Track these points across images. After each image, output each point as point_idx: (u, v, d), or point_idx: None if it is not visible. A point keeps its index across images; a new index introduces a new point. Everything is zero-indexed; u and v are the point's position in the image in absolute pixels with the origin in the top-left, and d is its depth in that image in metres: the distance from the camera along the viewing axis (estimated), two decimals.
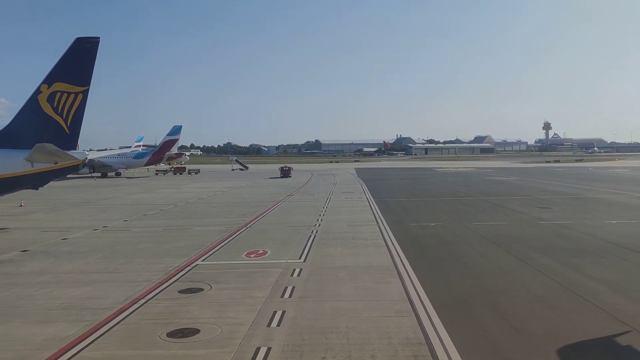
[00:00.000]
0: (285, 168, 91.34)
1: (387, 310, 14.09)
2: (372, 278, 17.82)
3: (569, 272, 18.70)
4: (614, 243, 24.08)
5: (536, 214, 34.62)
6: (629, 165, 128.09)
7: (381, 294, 15.84)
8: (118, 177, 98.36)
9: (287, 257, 21.26)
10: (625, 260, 20.61)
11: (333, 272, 18.66)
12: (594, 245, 23.63)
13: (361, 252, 22.38)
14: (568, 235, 26.41)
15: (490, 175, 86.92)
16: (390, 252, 22.26)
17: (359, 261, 20.54)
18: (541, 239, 25.29)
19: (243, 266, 20.09)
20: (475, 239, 25.75)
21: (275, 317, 13.52)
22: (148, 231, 29.16)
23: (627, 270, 18.99)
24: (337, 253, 22.28)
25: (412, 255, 21.87)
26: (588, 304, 14.66)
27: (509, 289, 16.66)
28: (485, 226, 29.65)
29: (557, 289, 16.44)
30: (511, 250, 22.86)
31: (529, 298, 15.51)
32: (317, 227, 29.92)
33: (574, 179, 74.54)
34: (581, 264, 20.00)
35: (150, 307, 14.55)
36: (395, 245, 23.83)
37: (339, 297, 15.53)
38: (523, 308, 14.49)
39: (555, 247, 23.26)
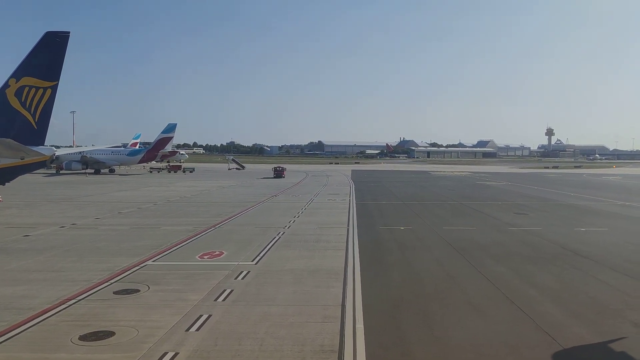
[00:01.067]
0: (279, 168, 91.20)
1: (315, 316, 13.89)
2: (316, 282, 17.62)
3: (515, 280, 18.59)
4: (573, 250, 24.04)
5: (509, 220, 34.38)
6: (623, 172, 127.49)
7: (317, 298, 15.64)
8: (112, 174, 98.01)
9: (240, 259, 21.11)
10: (575, 268, 20.56)
11: (279, 276, 18.46)
12: (552, 253, 23.54)
13: (317, 255, 22.16)
14: (531, 242, 26.21)
15: (482, 180, 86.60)
16: (347, 256, 22.06)
17: (310, 264, 20.38)
18: (503, 246, 25.17)
19: (192, 267, 19.94)
20: (438, 244, 25.65)
21: (199, 321, 13.35)
22: (114, 229, 28.98)
23: (573, 278, 18.96)
24: (293, 256, 22.07)
25: (366, 259, 21.77)
26: (519, 312, 14.53)
27: (447, 296, 16.52)
28: (453, 231, 29.45)
29: (495, 297, 16.33)
30: (468, 256, 22.71)
31: (463, 305, 15.38)
32: (286, 228, 29.72)
33: (563, 185, 74.29)
34: (531, 271, 19.91)
35: (77, 309, 14.40)
36: (354, 249, 23.66)
37: (273, 301, 15.34)
38: (452, 316, 14.37)
39: (513, 254, 23.18)
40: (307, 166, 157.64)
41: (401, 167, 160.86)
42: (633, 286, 17.66)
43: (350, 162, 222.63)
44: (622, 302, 15.68)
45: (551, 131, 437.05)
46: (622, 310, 14.74)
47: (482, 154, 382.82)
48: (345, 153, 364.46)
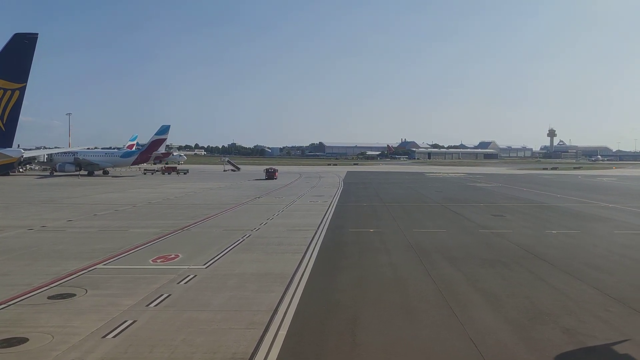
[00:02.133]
0: (271, 170, 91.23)
1: (241, 322, 13.69)
2: (259, 287, 17.42)
3: (462, 284, 18.36)
4: (535, 254, 23.83)
5: (483, 222, 34.15)
6: (620, 174, 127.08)
7: (252, 304, 15.44)
8: (106, 175, 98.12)
9: (192, 263, 20.89)
10: (529, 272, 20.33)
11: (224, 280, 18.26)
12: (513, 256, 23.27)
13: (273, 259, 21.97)
14: (496, 244, 26.04)
15: (474, 182, 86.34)
16: (303, 259, 21.86)
17: (261, 268, 20.18)
18: (466, 248, 25.11)
19: (140, 271, 19.76)
20: (400, 247, 25.48)
21: (119, 328, 13.17)
22: (81, 232, 28.86)
23: (522, 283, 18.68)
24: (248, 259, 21.89)
25: (321, 263, 21.60)
26: (452, 318, 14.40)
27: (386, 300, 16.26)
28: (421, 233, 29.33)
29: (434, 301, 16.10)
30: (425, 259, 22.53)
31: (397, 310, 15.12)
32: (255, 231, 29.52)
33: (554, 187, 74.03)
34: (483, 275, 19.69)
35: (3, 314, 14.27)
36: (314, 252, 23.51)
37: (205, 307, 15.11)
38: (382, 321, 14.12)
39: (472, 257, 23.03)
40: (305, 167, 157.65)
41: (399, 169, 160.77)
42: (579, 290, 17.41)
43: (349, 163, 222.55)
44: (562, 307, 15.47)
45: (553, 132, 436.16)
46: (558, 315, 14.48)
47: (484, 155, 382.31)
48: (346, 154, 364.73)
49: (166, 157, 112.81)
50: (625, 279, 18.95)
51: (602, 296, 16.68)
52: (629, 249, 24.63)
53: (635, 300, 16.16)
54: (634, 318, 14.49)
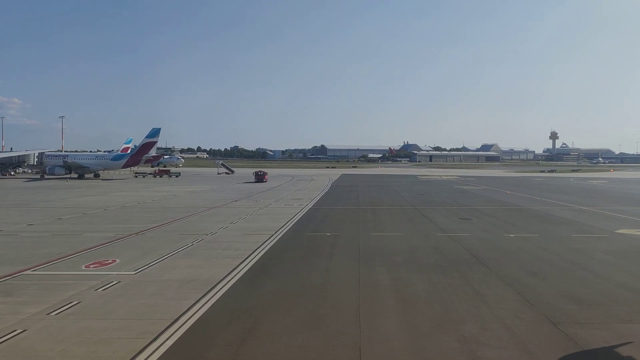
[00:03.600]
0: (260, 173, 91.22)
1: (133, 332, 13.42)
2: (175, 294, 17.16)
3: (386, 290, 18.12)
4: (479, 258, 23.62)
5: (446, 226, 33.81)
6: (614, 177, 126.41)
7: (157, 312, 15.16)
8: (96, 178, 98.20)
9: (125, 269, 20.72)
10: (462, 277, 20.05)
11: (145, 287, 18.01)
12: (455, 260, 23.02)
13: (209, 265, 21.70)
14: (446, 248, 25.86)
15: (461, 184, 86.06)
16: (239, 265, 21.73)
17: (191, 274, 19.94)
18: (412, 252, 24.94)
19: (65, 277, 19.58)
20: (346, 252, 25.23)
21: (3, 338, 12.87)
22: (34, 237, 28.74)
23: (448, 288, 18.37)
24: (184, 265, 21.64)
25: (256, 268, 21.40)
26: (352, 326, 14.19)
27: (298, 307, 15.94)
28: (377, 237, 29.46)
29: (345, 309, 15.74)
30: (365, 264, 22.26)
31: (301, 319, 14.81)
32: (210, 235, 29.30)
33: (540, 189, 73.74)
34: (413, 280, 19.48)
35: None
36: (256, 257, 23.33)
37: (108, 315, 14.86)
38: (278, 331, 13.83)
39: (413, 262, 22.81)
40: (301, 170, 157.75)
41: (396, 171, 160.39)
42: (501, 297, 17.11)
43: (348, 166, 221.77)
44: (473, 314, 15.21)
45: (555, 135, 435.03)
46: (464, 322, 14.20)
47: (485, 158, 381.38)
48: (348, 157, 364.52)
49: (157, 160, 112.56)
50: (556, 284, 18.66)
51: (521, 303, 16.37)
52: (576, 254, 24.21)
53: (552, 306, 15.91)
54: (539, 326, 14.18)
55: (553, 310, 15.31)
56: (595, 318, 14.64)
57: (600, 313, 15.07)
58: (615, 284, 18.76)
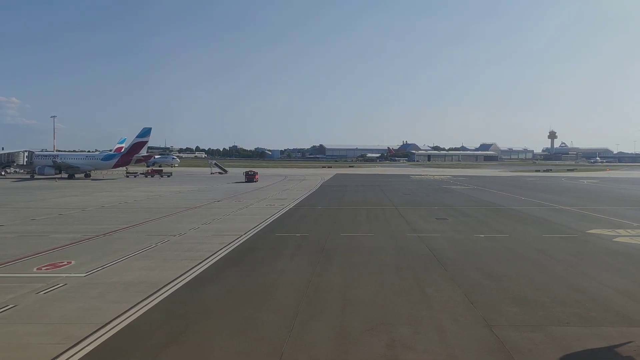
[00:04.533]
0: (250, 173, 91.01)
1: (57, 337, 13.28)
2: (117, 297, 16.97)
3: (334, 291, 17.89)
4: (440, 259, 23.49)
5: (419, 226, 33.67)
6: (607, 176, 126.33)
7: (91, 316, 14.93)
8: (87, 178, 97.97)
9: (77, 271, 20.47)
10: (414, 278, 19.86)
11: (89, 290, 17.85)
12: (415, 261, 22.86)
13: (163, 266, 21.58)
14: (410, 249, 25.86)
15: (450, 184, 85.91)
16: (194, 267, 21.39)
17: (142, 277, 19.79)
18: (375, 253, 24.78)
19: (11, 280, 19.44)
20: (309, 253, 25.06)
21: None
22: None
23: (396, 290, 18.12)
24: (139, 267, 21.46)
25: (210, 271, 21.09)
26: (284, 330, 14.03)
27: (235, 313, 15.70)
28: (345, 238, 29.39)
29: (283, 312, 15.56)
30: (323, 265, 22.14)
31: (233, 325, 14.58)
32: (176, 236, 29.08)
33: (527, 189, 73.75)
34: (365, 281, 19.26)
35: None
36: (214, 260, 23.01)
37: (39, 319, 14.66)
38: (204, 338, 13.59)
39: (372, 262, 22.61)
40: (298, 170, 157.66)
41: (392, 171, 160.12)
42: (447, 298, 16.92)
43: (345, 166, 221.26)
44: (411, 316, 15.03)
45: (554, 134, 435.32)
46: (398, 325, 14.17)
47: (484, 158, 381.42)
48: (347, 157, 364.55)
49: (147, 159, 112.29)
50: (507, 286, 18.53)
51: (465, 305, 16.16)
52: (539, 254, 24.04)
53: (494, 308, 15.73)
54: (472, 329, 13.98)
55: (494, 312, 15.07)
56: (533, 320, 14.38)
57: (541, 315, 14.83)
58: (567, 285, 18.60)
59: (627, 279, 19.28)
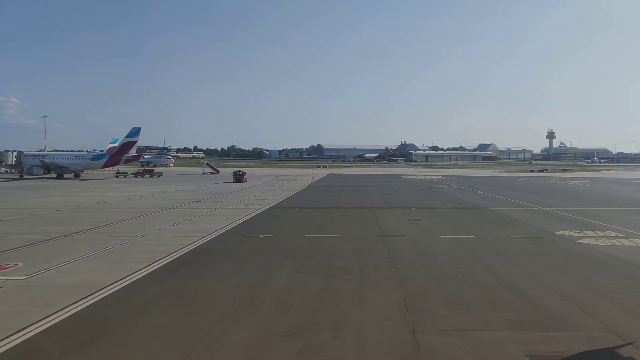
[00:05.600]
0: (239, 173, 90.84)
1: None
2: (49, 301, 16.55)
3: (272, 294, 17.67)
4: (395, 260, 23.18)
5: (389, 227, 33.42)
6: (599, 177, 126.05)
7: (9, 321, 14.45)
8: (77, 178, 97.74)
9: (18, 274, 20.10)
10: (360, 280, 19.59)
11: (24, 293, 17.55)
12: (369, 263, 22.59)
13: (109, 269, 21.21)
14: (369, 250, 25.69)
15: (438, 185, 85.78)
16: (140, 270, 20.95)
17: (83, 279, 19.43)
18: (332, 255, 24.52)
19: None
20: (265, 255, 24.82)
21: None
22: None
23: (335, 293, 17.83)
24: (86, 268, 21.22)
25: (154, 274, 20.67)
26: (197, 335, 13.66)
27: (157, 316, 15.43)
28: (308, 239, 29.16)
29: (208, 316, 15.22)
30: (272, 267, 21.85)
31: (149, 329, 14.23)
32: (139, 237, 28.95)
33: (514, 190, 73.63)
34: (309, 283, 19.00)
35: None
36: (164, 262, 22.60)
37: None
38: (117, 344, 13.32)
39: (325, 265, 22.28)
40: (292, 170, 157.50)
41: (386, 171, 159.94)
42: (384, 301, 16.57)
43: (341, 166, 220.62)
44: (338, 320, 14.73)
45: (552, 134, 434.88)
46: (320, 330, 13.88)
47: (482, 158, 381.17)
48: (345, 157, 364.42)
49: (137, 159, 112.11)
50: (450, 289, 18.19)
51: (399, 308, 15.81)
52: (497, 256, 23.77)
53: (427, 312, 15.39)
54: (395, 333, 13.66)
55: (425, 316, 14.78)
56: (461, 325, 14.02)
57: (470, 320, 14.48)
58: (511, 288, 18.32)
59: (575, 282, 18.96)
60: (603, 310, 15.47)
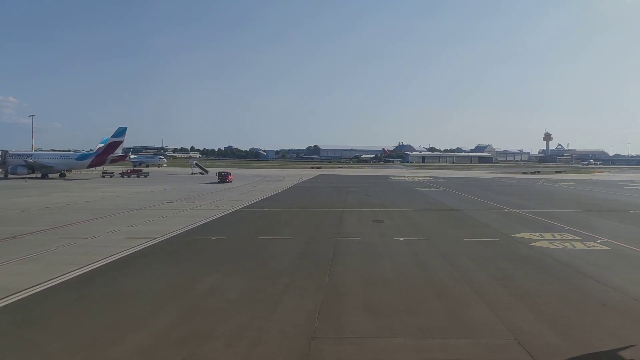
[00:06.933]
0: (223, 173, 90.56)
1: None
2: None
3: (187, 298, 17.19)
4: (337, 262, 22.97)
5: (349, 229, 33.38)
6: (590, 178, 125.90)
7: None
8: (62, 178, 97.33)
9: None
10: (288, 282, 19.32)
11: None
12: (307, 266, 22.27)
13: (40, 272, 20.62)
14: (315, 252, 25.42)
15: (421, 186, 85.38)
16: (69, 272, 20.54)
17: (6, 283, 18.80)
18: (273, 257, 24.17)
19: None
20: (205, 256, 24.48)
21: None
22: None
23: (254, 294, 17.54)
24: (15, 271, 20.78)
25: (81, 278, 20.08)
26: (102, 333, 12.90)
27: (58, 319, 15.04)
28: (261, 241, 28.86)
29: (106, 320, 14.77)
30: (209, 269, 21.53)
31: (45, 333, 13.73)
32: (88, 239, 28.48)
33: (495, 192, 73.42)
34: (235, 286, 18.76)
35: None
36: (99, 264, 22.12)
37: None
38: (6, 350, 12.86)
39: (260, 267, 21.90)
40: (284, 170, 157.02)
41: (377, 172, 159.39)
42: (297, 307, 16.19)
43: (336, 166, 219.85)
44: (243, 326, 14.35)
45: (549, 136, 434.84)
46: (216, 338, 13.33)
47: (478, 159, 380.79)
48: (341, 157, 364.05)
49: (122, 159, 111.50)
50: (375, 294, 17.75)
51: (310, 315, 15.28)
52: (441, 259, 23.35)
53: (336, 319, 14.97)
54: (292, 341, 13.36)
55: (333, 323, 14.44)
56: (365, 332, 13.62)
57: (379, 326, 14.12)
58: (438, 293, 17.90)
59: (505, 287, 18.59)
60: (518, 316, 15.02)
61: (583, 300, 16.88)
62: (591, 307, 16.07)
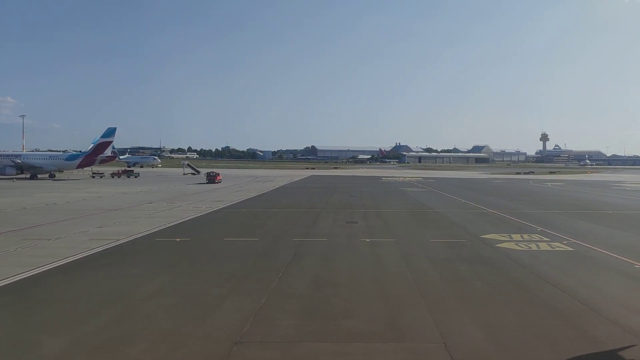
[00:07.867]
0: (212, 174, 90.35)
1: None
2: None
3: (132, 302, 16.90)
4: (292, 264, 22.71)
5: (318, 230, 33.07)
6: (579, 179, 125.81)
7: None
8: (51, 178, 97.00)
9: None
10: (235, 285, 19.13)
11: None
12: (260, 268, 22.02)
13: None
14: (276, 254, 25.20)
15: (409, 186, 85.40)
16: (18, 274, 20.29)
17: None
18: (231, 259, 24.09)
19: None
20: (162, 258, 24.22)
21: None
22: None
23: (198, 296, 17.27)
24: None
25: (28, 279, 19.80)
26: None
27: None
28: (225, 243, 28.73)
29: (37, 323, 14.43)
30: (163, 270, 21.42)
31: None
32: (51, 240, 28.24)
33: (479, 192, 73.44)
34: (176, 288, 18.53)
35: None
36: (50, 267, 21.82)
37: None
38: None
39: (214, 269, 21.74)
40: (277, 171, 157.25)
41: (371, 173, 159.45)
42: (235, 309, 15.88)
43: (331, 167, 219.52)
44: (172, 330, 14.05)
45: (546, 137, 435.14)
46: (135, 343, 12.67)
47: (475, 160, 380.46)
48: (338, 158, 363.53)
49: (112, 160, 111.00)
50: (320, 297, 17.45)
51: (243, 318, 14.94)
52: (400, 261, 23.11)
53: (270, 322, 14.68)
54: (216, 345, 13.03)
55: (265, 327, 14.24)
56: (294, 336, 13.40)
57: (311, 330, 13.91)
58: (382, 296, 17.59)
59: (453, 290, 18.26)
60: (455, 319, 14.75)
61: (528, 303, 16.60)
62: (534, 310, 15.77)
